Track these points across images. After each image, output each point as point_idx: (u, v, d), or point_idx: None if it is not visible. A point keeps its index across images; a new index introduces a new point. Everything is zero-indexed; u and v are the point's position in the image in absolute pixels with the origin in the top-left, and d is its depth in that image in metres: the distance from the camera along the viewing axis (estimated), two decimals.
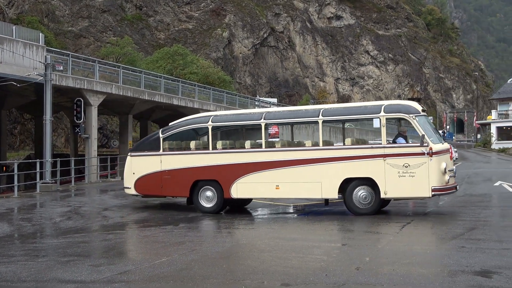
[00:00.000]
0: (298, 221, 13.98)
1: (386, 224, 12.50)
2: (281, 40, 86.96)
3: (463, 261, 8.22)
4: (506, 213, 14.60)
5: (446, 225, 12.40)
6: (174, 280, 7.38)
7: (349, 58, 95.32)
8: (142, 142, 16.97)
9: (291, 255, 9.05)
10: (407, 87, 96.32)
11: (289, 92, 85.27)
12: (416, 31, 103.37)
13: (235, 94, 49.54)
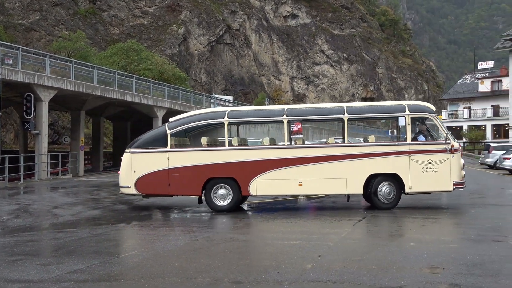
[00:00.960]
0: (252, 219, 14.01)
1: (339, 222, 12.67)
2: (237, 38, 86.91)
3: (412, 257, 8.41)
4: (454, 212, 15.00)
5: (397, 223, 12.66)
6: (125, 279, 7.29)
7: (304, 57, 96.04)
8: (144, 138, 15.47)
9: (244, 252, 9.07)
10: (361, 86, 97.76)
11: (244, 90, 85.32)
12: (370, 32, 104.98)
13: (191, 91, 49.25)
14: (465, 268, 7.71)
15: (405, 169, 14.43)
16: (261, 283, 6.97)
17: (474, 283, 6.89)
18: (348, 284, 6.88)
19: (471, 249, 9.08)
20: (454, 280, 7.03)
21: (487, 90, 58.86)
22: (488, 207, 15.88)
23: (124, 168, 15.10)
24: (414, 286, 6.77)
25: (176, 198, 17.66)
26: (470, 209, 15.21)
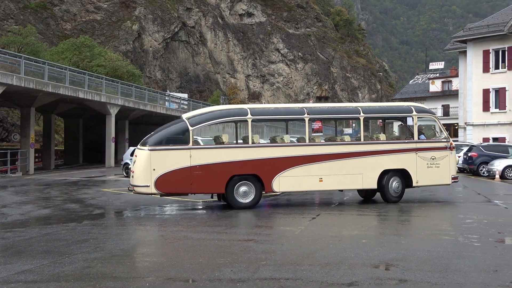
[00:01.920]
0: (207, 217, 13.97)
1: (293, 219, 12.76)
2: (193, 35, 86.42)
3: (363, 254, 8.56)
4: (405, 208, 15.32)
5: (349, 220, 12.85)
6: (76, 279, 7.16)
7: (260, 55, 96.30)
8: (161, 134, 14.79)
9: (198, 251, 9.04)
10: (316, 85, 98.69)
11: (200, 88, 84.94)
12: (325, 31, 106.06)
13: (145, 89, 48.69)
14: (415, 264, 7.89)
15: (412, 165, 15.79)
16: (214, 282, 6.97)
17: (423, 278, 7.07)
18: (301, 281, 6.94)
19: (420, 246, 9.30)
20: (403, 276, 7.19)
21: (438, 90, 60.31)
22: (439, 204, 16.28)
23: (141, 166, 14.30)
24: (365, 282, 6.90)
25: (138, 196, 17.50)
26: (421, 206, 15.58)
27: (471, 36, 42.65)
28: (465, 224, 12.07)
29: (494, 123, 41.44)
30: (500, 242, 9.89)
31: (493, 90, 41.56)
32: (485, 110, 41.99)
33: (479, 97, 42.29)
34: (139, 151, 14.50)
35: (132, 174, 14.48)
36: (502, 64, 41.19)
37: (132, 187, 14.52)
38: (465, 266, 7.75)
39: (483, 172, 28.27)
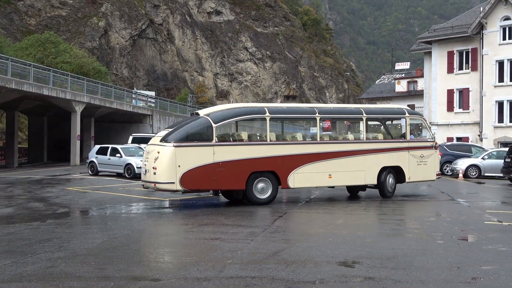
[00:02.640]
0: (173, 216, 13.90)
1: (260, 218, 12.80)
2: (160, 33, 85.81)
3: (329, 252, 8.64)
4: (370, 207, 15.52)
5: (316, 218, 12.94)
6: (38, 279, 7.03)
7: (228, 53, 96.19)
8: (184, 130, 14.66)
9: (164, 250, 8.99)
10: (284, 84, 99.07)
11: (167, 86, 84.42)
12: (293, 30, 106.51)
13: (111, 86, 48.13)
14: (379, 261, 7.99)
15: (405, 162, 17.17)
16: (180, 280, 6.94)
17: (387, 275, 7.17)
18: (266, 280, 6.96)
19: (385, 243, 9.43)
20: (368, 274, 7.28)
21: (404, 90, 61.14)
22: (403, 202, 16.52)
23: (166, 162, 14.16)
24: (331, 280, 6.96)
25: (103, 195, 17.30)
26: (386, 205, 15.79)
27: (436, 37, 43.38)
28: (429, 222, 12.28)
29: (458, 123, 42.23)
30: (462, 239, 10.10)
31: (457, 91, 42.36)
32: (449, 110, 42.77)
33: (443, 97, 43.05)
34: (161, 147, 14.29)
35: (154, 171, 14.26)
36: (466, 65, 42.00)
37: (154, 184, 14.37)
38: (428, 263, 7.89)
39: (447, 171, 28.81)
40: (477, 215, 13.30)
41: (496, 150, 29.57)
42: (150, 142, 15.13)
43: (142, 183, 15.37)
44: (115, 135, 45.75)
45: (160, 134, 15.11)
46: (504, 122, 38.97)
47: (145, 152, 15.07)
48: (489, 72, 39.57)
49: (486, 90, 39.64)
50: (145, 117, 47.56)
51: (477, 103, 40.85)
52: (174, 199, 17.23)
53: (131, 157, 25.67)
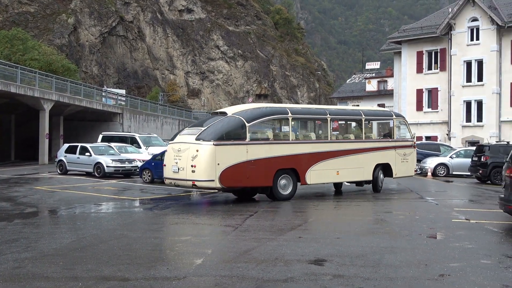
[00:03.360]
0: (143, 215, 13.81)
1: (231, 217, 12.80)
2: (131, 30, 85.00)
3: (299, 250, 8.68)
4: (340, 205, 15.64)
5: (286, 217, 12.99)
6: (4, 280, 6.92)
7: (199, 52, 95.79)
8: (219, 129, 15.08)
9: (133, 250, 8.92)
10: (255, 83, 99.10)
11: (138, 84, 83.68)
12: (264, 29, 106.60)
13: (81, 84, 47.50)
14: (349, 259, 8.07)
15: (393, 160, 19.16)
16: (149, 280, 6.90)
17: (356, 273, 7.24)
18: (237, 279, 6.97)
19: (355, 241, 9.53)
20: (338, 271, 7.35)
21: (374, 89, 61.72)
22: (373, 201, 16.70)
23: (206, 161, 14.53)
24: (301, 278, 7.00)
25: (72, 194, 17.08)
26: (355, 203, 15.94)
27: (406, 37, 43.91)
28: (398, 220, 12.44)
29: (427, 122, 42.82)
30: (430, 237, 10.26)
31: (426, 90, 42.95)
32: (419, 110, 43.34)
33: (413, 97, 43.61)
34: (200, 145, 14.61)
35: (193, 169, 14.58)
36: (435, 65, 42.62)
37: (192, 182, 14.70)
38: (396, 261, 7.99)
39: (416, 170, 29.18)
40: (445, 213, 13.52)
41: (464, 149, 30.07)
42: (180, 140, 15.39)
43: (171, 181, 15.55)
44: (85, 133, 45.20)
45: (189, 132, 15.53)
46: (471, 122, 39.66)
47: (175, 150, 15.25)
48: (457, 72, 40.23)
49: (455, 90, 40.27)
50: (115, 115, 47.09)
51: (445, 102, 41.49)
52: (144, 198, 17.12)
53: (101, 156, 25.42)
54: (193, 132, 15.24)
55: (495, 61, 38.50)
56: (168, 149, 15.87)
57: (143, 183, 22.07)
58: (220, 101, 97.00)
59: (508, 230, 10.93)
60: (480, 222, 11.85)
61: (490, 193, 18.95)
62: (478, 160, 24.49)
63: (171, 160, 15.34)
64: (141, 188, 20.48)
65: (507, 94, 38.40)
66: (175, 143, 15.49)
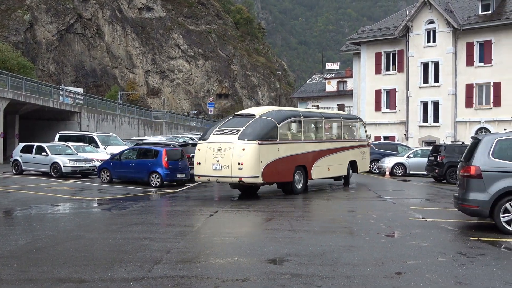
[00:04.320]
0: (101, 215, 13.64)
1: (191, 216, 12.76)
2: (89, 28, 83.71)
3: (258, 249, 8.71)
4: (299, 204, 15.75)
5: (246, 217, 13.02)
6: None
7: (159, 50, 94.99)
8: (258, 130, 16.45)
9: (91, 251, 8.80)
10: (216, 82, 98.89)
11: (96, 82, 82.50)
12: (225, 29, 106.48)
13: (37, 82, 46.49)
14: (307, 258, 8.14)
15: (357, 157, 21.84)
16: (107, 282, 6.82)
17: (314, 272, 7.31)
18: (196, 279, 6.96)
19: (313, 240, 9.61)
20: (296, 271, 7.40)
21: (334, 90, 62.29)
22: (332, 200, 16.88)
23: (253, 158, 15.84)
24: (259, 277, 7.03)
25: (28, 195, 16.71)
26: (315, 202, 16.08)
27: (365, 38, 44.50)
28: (356, 219, 12.62)
29: (385, 123, 43.50)
30: (387, 236, 10.43)
31: (384, 91, 43.61)
32: (377, 110, 43.98)
33: (371, 97, 44.23)
34: (246, 145, 15.90)
35: (240, 167, 15.76)
36: (393, 66, 43.30)
37: (239, 179, 15.87)
38: (354, 259, 8.10)
39: (375, 169, 29.63)
40: (402, 212, 13.77)
41: (421, 148, 30.65)
42: (218, 140, 16.30)
43: (210, 178, 16.41)
44: (41, 133, 44.24)
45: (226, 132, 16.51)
46: (428, 122, 40.44)
47: (213, 149, 16.18)
48: (414, 74, 40.96)
49: (412, 91, 41.00)
50: (73, 114, 46.26)
51: (403, 103, 42.20)
52: (103, 198, 16.90)
53: (58, 156, 24.94)
54: (231, 133, 16.40)
55: (451, 63, 39.36)
56: (201, 148, 16.62)
57: (101, 183, 21.77)
58: (180, 100, 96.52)
59: (462, 228, 11.22)
60: (435, 221, 12.12)
61: (446, 192, 19.39)
62: (434, 160, 25.01)
63: (210, 158, 16.22)
64: (100, 188, 20.20)
65: (462, 95, 39.30)
66: (211, 143, 16.34)
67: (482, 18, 38.65)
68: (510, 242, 9.72)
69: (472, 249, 9.03)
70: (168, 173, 20.58)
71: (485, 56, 38.42)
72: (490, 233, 10.43)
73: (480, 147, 10.74)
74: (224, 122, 17.57)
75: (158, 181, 20.58)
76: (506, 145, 10.71)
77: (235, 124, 16.89)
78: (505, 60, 37.28)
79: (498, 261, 8.13)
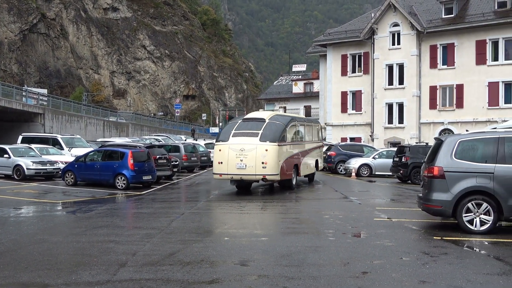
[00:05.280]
0: (66, 218, 13.44)
1: (157, 219, 12.67)
2: (53, 28, 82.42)
3: (225, 251, 8.70)
4: (265, 205, 15.79)
5: (213, 218, 13.00)
6: None
7: (125, 51, 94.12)
8: (277, 133, 18.49)
9: (55, 255, 8.67)
10: (183, 84, 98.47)
11: (61, 83, 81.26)
12: (192, 30, 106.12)
13: None
14: (274, 259, 8.17)
15: (319, 156, 24.13)
16: (71, 286, 6.72)
17: (281, 273, 7.34)
18: (161, 281, 6.92)
19: (280, 242, 9.65)
20: (263, 272, 7.43)
21: (301, 91, 62.64)
22: (298, 201, 16.97)
23: (274, 158, 17.90)
24: (226, 279, 7.03)
25: None
26: (281, 203, 16.14)
27: (331, 40, 44.87)
28: (322, 219, 12.71)
29: (351, 124, 43.93)
30: (353, 236, 10.54)
31: (350, 93, 44.05)
32: (343, 112, 44.40)
33: (337, 99, 44.60)
34: (268, 146, 17.91)
35: (264, 166, 17.77)
36: (359, 68, 43.77)
37: (263, 176, 17.89)
38: (320, 260, 8.17)
39: (341, 170, 29.87)
40: (368, 212, 13.93)
41: (386, 150, 31.02)
42: (240, 141, 18.08)
43: (233, 176, 18.06)
44: (3, 134, 43.33)
45: (246, 134, 18.31)
46: (393, 123, 41.01)
47: (236, 150, 17.94)
48: (379, 76, 41.48)
49: (377, 93, 41.52)
50: (36, 116, 45.45)
51: (369, 105, 42.68)
52: (67, 201, 16.65)
53: (21, 158, 24.47)
54: (251, 135, 18.27)
55: (415, 65, 40.00)
56: (223, 149, 18.24)
57: (65, 185, 21.45)
58: (146, 101, 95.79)
59: (426, 228, 11.41)
60: (400, 221, 12.29)
61: (410, 193, 19.68)
62: (399, 161, 25.36)
63: (232, 158, 17.93)
64: (64, 191, 19.90)
65: (426, 97, 39.96)
66: (233, 144, 18.07)
67: (445, 21, 39.38)
68: (472, 241, 9.93)
69: (436, 248, 9.19)
70: (134, 175, 20.39)
71: (448, 58, 39.16)
72: (453, 233, 10.64)
73: (443, 148, 10.94)
74: (236, 125, 19.10)
75: (124, 183, 20.37)
76: (468, 146, 10.93)
77: (250, 127, 18.71)
78: (467, 62, 38.07)
79: (461, 260, 8.30)
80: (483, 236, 10.25)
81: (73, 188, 20.76)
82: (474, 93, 37.78)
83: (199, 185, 23.35)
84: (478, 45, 37.75)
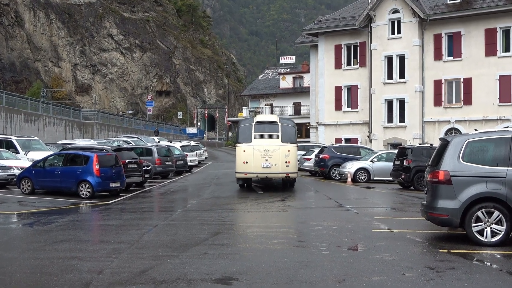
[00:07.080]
0: (22, 232, 13.34)
1: (127, 231, 12.62)
2: (6, 15, 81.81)
3: (204, 268, 8.69)
4: (250, 215, 15.79)
5: (190, 230, 12.96)
6: None
7: (89, 41, 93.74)
8: (292, 136, 22.99)
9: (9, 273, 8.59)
10: (156, 78, 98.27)
11: (16, 78, 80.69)
12: (165, 17, 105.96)
13: None
14: (260, 276, 8.17)
15: (296, 155, 24.32)
16: None
17: None
18: None
19: (267, 256, 9.65)
20: None
21: (289, 86, 62.81)
22: (288, 210, 16.98)
23: (295, 158, 22.77)
24: None
25: None
26: (269, 213, 16.13)
27: (323, 29, 44.83)
28: (314, 231, 12.72)
29: (346, 123, 43.92)
30: (349, 249, 10.57)
31: (345, 88, 44.03)
32: (338, 109, 44.36)
33: (331, 95, 44.52)
34: (290, 147, 22.30)
35: (287, 165, 22.12)
36: (354, 60, 43.78)
37: (286, 174, 22.34)
38: (312, 276, 8.17)
39: (335, 175, 29.77)
40: (365, 223, 13.98)
41: (386, 152, 31.11)
42: (263, 143, 22.21)
43: (258, 175, 22.46)
44: None
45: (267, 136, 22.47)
46: (393, 122, 41.03)
47: (260, 151, 21.92)
48: (378, 68, 41.56)
49: (375, 88, 41.58)
50: None
51: (366, 101, 42.70)
52: (23, 212, 16.52)
53: None
54: (272, 137, 22.47)
55: (417, 56, 40.13)
56: (247, 149, 22.13)
57: (21, 194, 21.28)
58: (114, 98, 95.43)
59: (431, 240, 11.47)
60: (402, 232, 12.35)
61: (413, 200, 19.78)
62: (400, 164, 25.41)
63: (258, 158, 21.93)
64: (20, 200, 19.74)
65: (430, 92, 40.10)
66: (257, 145, 22.08)
67: (451, 7, 39.59)
68: (482, 254, 10.00)
69: (442, 262, 9.24)
70: (100, 182, 20.25)
71: (454, 49, 39.32)
72: (461, 245, 10.70)
73: (449, 150, 10.98)
74: (253, 128, 22.82)
75: (88, 191, 20.23)
76: (477, 147, 10.97)
77: (268, 130, 22.84)
78: (475, 53, 38.25)
79: (470, 275, 8.35)
80: (494, 248, 10.32)
81: (31, 197, 20.60)
82: (483, 87, 38.00)
83: (174, 193, 23.29)
84: (487, 34, 38.00)
